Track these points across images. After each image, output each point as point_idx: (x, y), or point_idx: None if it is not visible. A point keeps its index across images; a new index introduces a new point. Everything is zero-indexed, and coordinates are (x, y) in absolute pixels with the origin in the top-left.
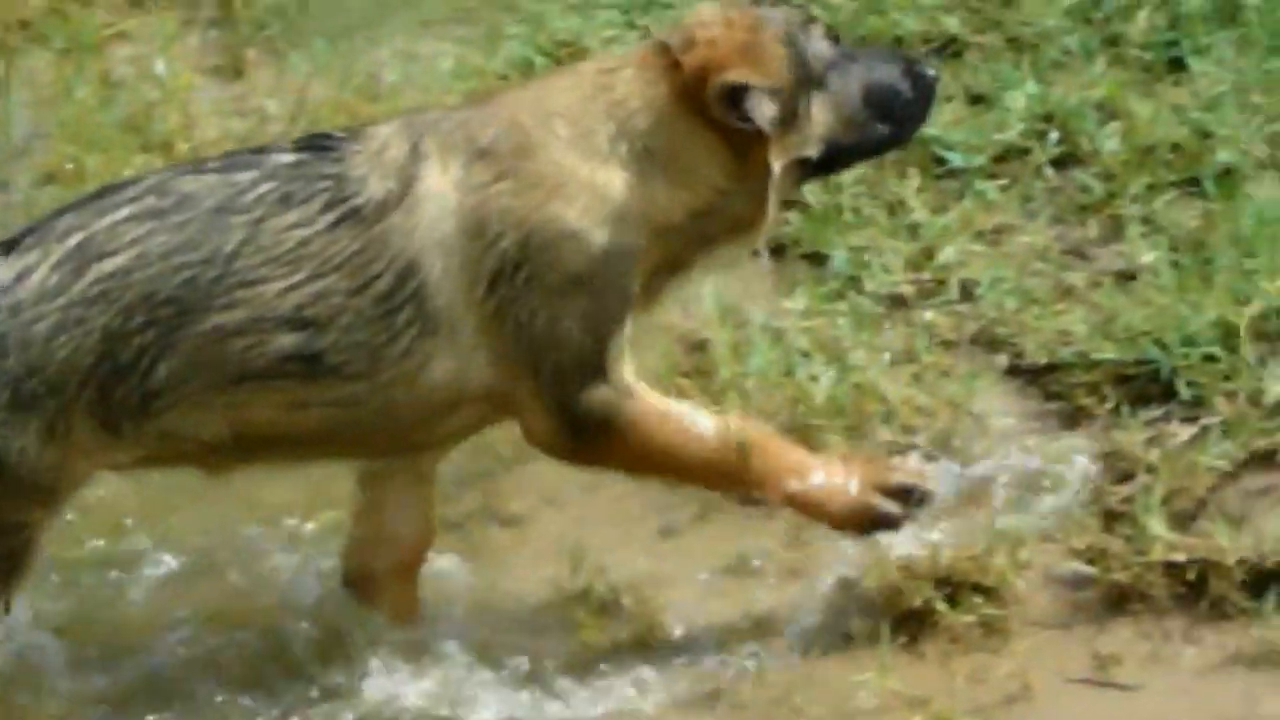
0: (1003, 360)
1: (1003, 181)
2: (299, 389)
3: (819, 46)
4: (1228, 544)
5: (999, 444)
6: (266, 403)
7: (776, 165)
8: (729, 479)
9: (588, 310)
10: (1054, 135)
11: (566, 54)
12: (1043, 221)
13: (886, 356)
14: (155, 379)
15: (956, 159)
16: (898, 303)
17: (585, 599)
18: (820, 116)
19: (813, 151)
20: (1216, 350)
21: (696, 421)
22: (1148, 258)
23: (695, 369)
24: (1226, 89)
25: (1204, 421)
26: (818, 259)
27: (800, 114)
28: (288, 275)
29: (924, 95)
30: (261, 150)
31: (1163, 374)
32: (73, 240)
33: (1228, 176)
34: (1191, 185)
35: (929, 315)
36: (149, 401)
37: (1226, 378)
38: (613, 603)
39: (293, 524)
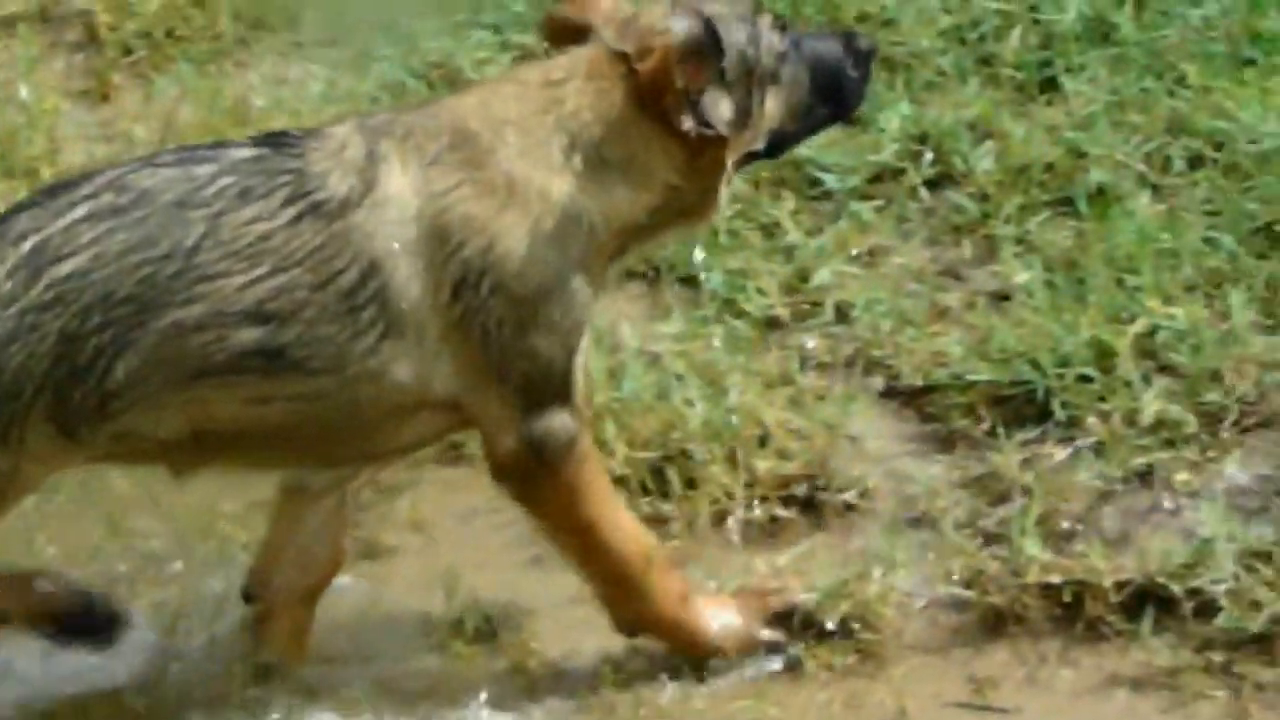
0: (878, 382)
1: (878, 203)
2: (261, 384)
3: (770, 39)
4: (1104, 565)
5: (875, 467)
6: (228, 398)
7: (730, 162)
8: (624, 575)
9: (554, 322)
10: (928, 156)
11: (439, 75)
12: (918, 243)
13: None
14: (113, 379)
15: (831, 181)
16: (773, 325)
17: (459, 628)
18: (772, 110)
19: (762, 144)
20: (1091, 370)
21: (615, 504)
22: (1022, 278)
23: None
24: (1100, 108)
25: (1079, 442)
26: (692, 282)
27: (755, 112)
28: (248, 269)
29: (865, 71)
30: (219, 145)
31: (1038, 395)
32: (27, 245)
33: (1101, 196)
34: (1065, 205)
35: (805, 338)
36: (107, 403)
37: (1101, 398)
38: (487, 632)
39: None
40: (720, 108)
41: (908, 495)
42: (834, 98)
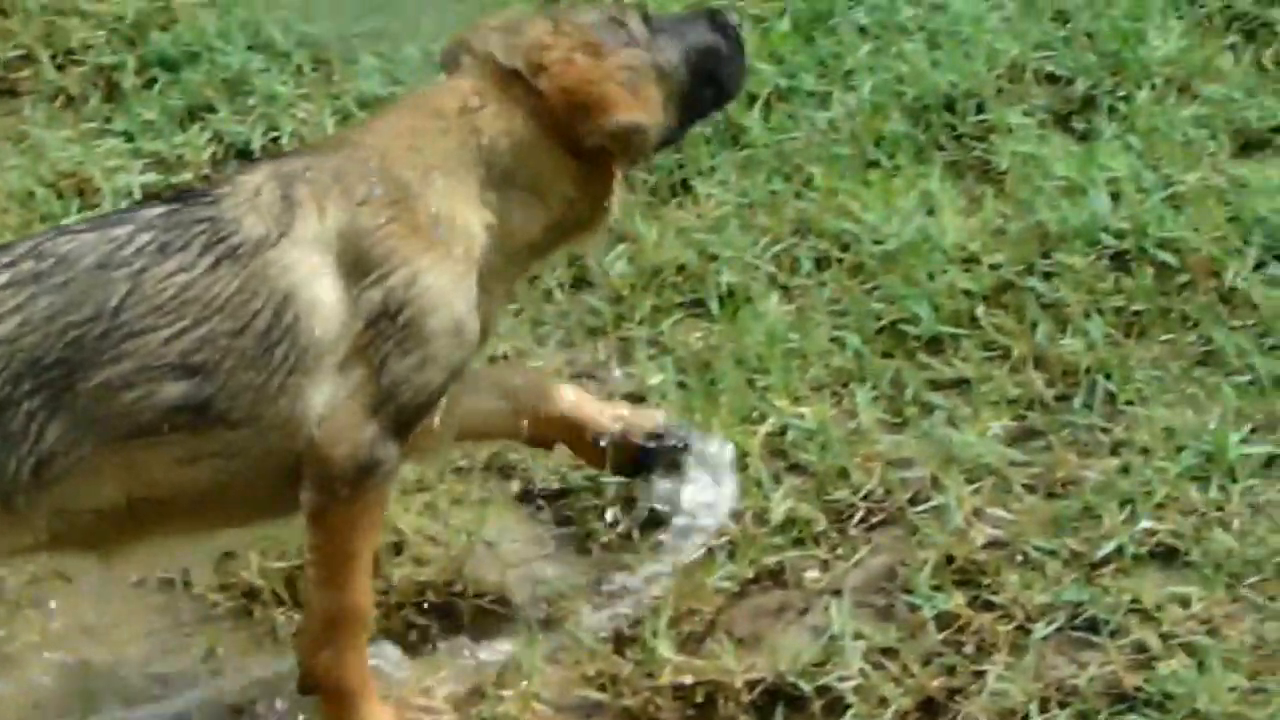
0: (514, 486)
1: (514, 306)
2: (189, 441)
3: (643, 33)
4: (735, 665)
5: (511, 571)
6: (158, 459)
7: (621, 171)
8: (343, 620)
9: (449, 358)
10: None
11: (68, 184)
12: (553, 345)
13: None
14: (45, 444)
15: None
16: None
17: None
18: (665, 109)
19: (655, 145)
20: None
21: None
22: (655, 379)
23: None
24: (730, 210)
25: (712, 543)
26: None
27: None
28: (172, 323)
29: (738, 46)
30: (132, 207)
31: None
32: None
33: (731, 297)
34: (697, 306)
35: None
36: (41, 470)
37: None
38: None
39: None
40: (648, 138)
41: (544, 599)
42: (714, 80)
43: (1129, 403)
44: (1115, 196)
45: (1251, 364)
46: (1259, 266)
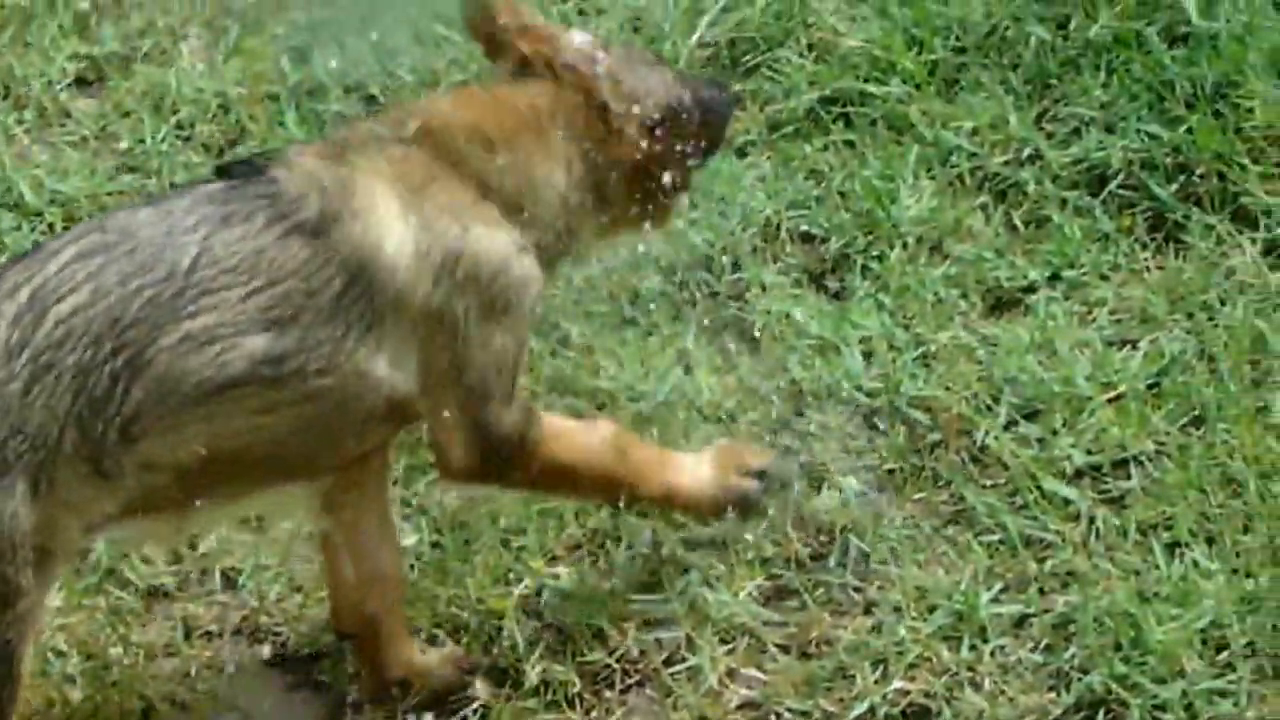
0: (266, 651)
1: None
2: (266, 391)
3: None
4: None
5: None
6: (238, 410)
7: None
8: (614, 483)
9: (518, 328)
10: None
11: None
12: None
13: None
14: (131, 403)
15: None
16: (159, 595)
17: None
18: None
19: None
20: (480, 631)
21: (580, 432)
22: (410, 540)
23: None
24: None
25: (465, 710)
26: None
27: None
28: (247, 281)
29: (729, 115)
30: (185, 185)
31: None
32: (23, 294)
33: None
34: None
35: (191, 607)
36: (128, 428)
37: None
38: None
39: None
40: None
41: None
42: (709, 135)
43: (882, 562)
44: (868, 355)
45: (1002, 523)
46: (1009, 425)
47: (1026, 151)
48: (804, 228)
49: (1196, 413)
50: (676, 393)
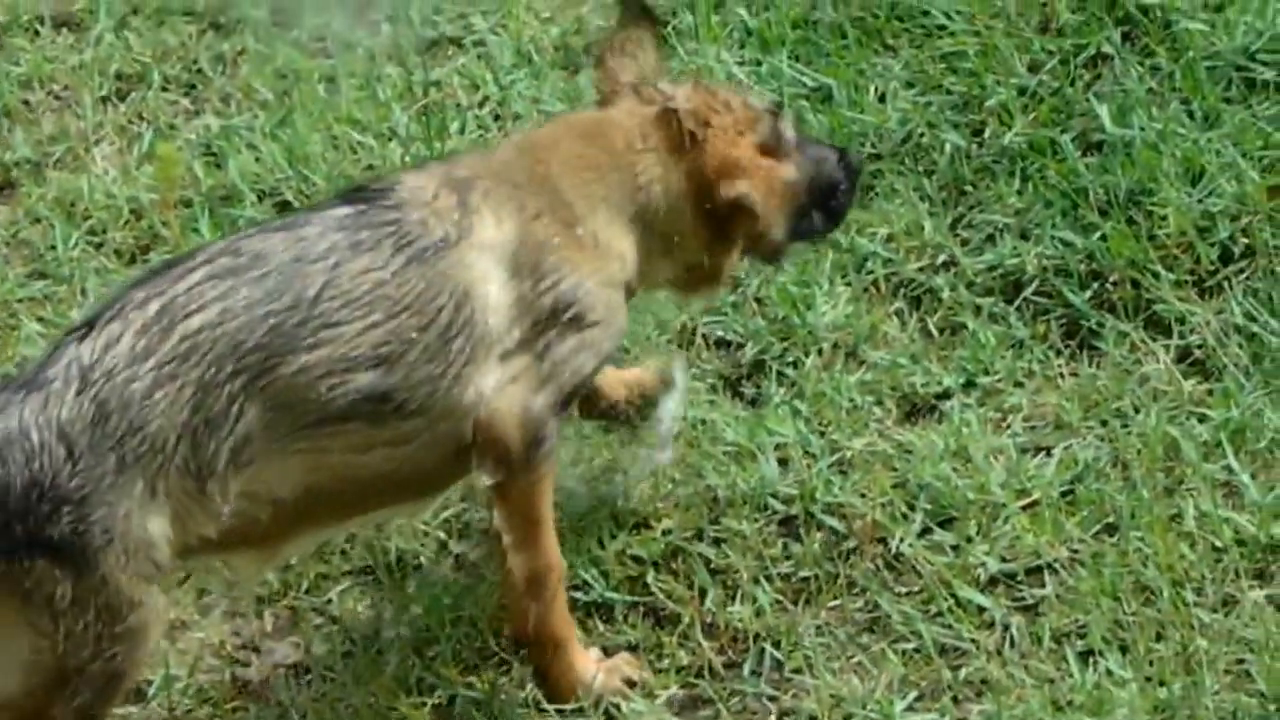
0: None
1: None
2: (365, 429)
3: (791, 135)
4: None
5: None
6: (341, 445)
7: (739, 247)
8: (541, 576)
9: (605, 349)
10: None
11: None
12: (218, 617)
13: None
14: (243, 426)
15: None
16: None
17: None
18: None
19: (767, 242)
20: None
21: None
22: (321, 649)
23: None
24: None
25: None
26: None
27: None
28: (366, 315)
29: (854, 187)
30: (315, 206)
31: None
32: (153, 307)
33: (401, 564)
34: (366, 574)
35: None
36: (237, 453)
37: None
38: None
39: None
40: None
41: None
42: (826, 207)
43: (797, 670)
44: (783, 462)
45: (917, 630)
46: (924, 533)
47: (941, 258)
48: (719, 333)
49: (1110, 520)
50: (597, 499)
